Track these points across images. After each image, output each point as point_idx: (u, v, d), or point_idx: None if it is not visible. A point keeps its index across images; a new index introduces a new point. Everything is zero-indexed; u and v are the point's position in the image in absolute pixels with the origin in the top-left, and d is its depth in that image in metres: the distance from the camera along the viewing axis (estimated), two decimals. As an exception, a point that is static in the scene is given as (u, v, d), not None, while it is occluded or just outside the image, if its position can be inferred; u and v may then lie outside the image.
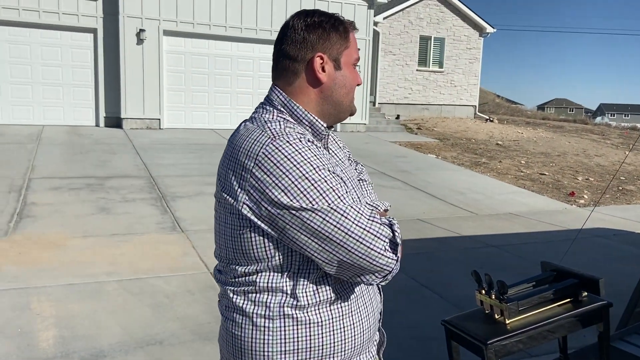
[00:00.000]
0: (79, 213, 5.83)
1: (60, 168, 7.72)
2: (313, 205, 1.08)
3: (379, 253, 1.11)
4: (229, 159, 1.18)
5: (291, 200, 1.08)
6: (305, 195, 1.08)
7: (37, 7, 10.83)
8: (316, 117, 1.24)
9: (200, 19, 11.94)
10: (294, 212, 1.09)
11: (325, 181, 1.10)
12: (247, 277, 1.19)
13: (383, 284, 1.18)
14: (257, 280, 1.18)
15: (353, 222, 1.10)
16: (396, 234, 1.14)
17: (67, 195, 6.42)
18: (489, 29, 18.11)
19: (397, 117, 16.61)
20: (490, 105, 25.24)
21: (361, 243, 1.10)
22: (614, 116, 73.69)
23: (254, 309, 1.18)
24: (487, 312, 2.29)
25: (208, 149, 9.93)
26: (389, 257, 1.12)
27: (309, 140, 1.15)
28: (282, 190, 1.09)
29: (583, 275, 2.32)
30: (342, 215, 1.09)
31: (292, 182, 1.08)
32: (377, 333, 1.37)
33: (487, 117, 18.53)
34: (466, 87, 18.16)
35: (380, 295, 1.36)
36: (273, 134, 1.13)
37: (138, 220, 5.73)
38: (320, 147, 1.20)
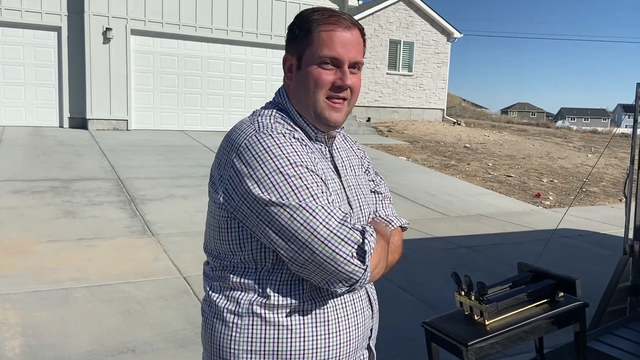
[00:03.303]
0: (43, 217, 5.63)
1: (23, 170, 7.45)
2: (282, 200, 1.05)
3: (344, 259, 1.04)
4: (220, 150, 1.18)
5: (262, 193, 1.05)
6: (276, 189, 1.05)
7: (-2, 4, 10.46)
8: (306, 119, 1.23)
9: (169, 19, 11.74)
10: (263, 204, 1.06)
11: (300, 178, 1.06)
12: (222, 271, 1.18)
13: (347, 293, 1.13)
14: (231, 275, 1.16)
15: (321, 223, 1.04)
16: (366, 241, 1.06)
17: (30, 199, 6.20)
18: (457, 34, 18.43)
19: (368, 119, 16.71)
20: (457, 109, 25.69)
21: (326, 245, 1.04)
22: (574, 120, 76.13)
23: (225, 304, 1.16)
24: (466, 313, 2.31)
25: (178, 150, 9.76)
26: (355, 265, 1.05)
27: (294, 137, 1.13)
28: (255, 182, 1.06)
29: (559, 276, 2.35)
30: (310, 214, 1.04)
31: (266, 175, 1.06)
32: (365, 351, 1.29)
33: (455, 121, 18.84)
34: (434, 90, 18.43)
35: (372, 310, 1.28)
36: (259, 127, 1.13)
37: (106, 224, 5.57)
38: (306, 146, 1.15)
